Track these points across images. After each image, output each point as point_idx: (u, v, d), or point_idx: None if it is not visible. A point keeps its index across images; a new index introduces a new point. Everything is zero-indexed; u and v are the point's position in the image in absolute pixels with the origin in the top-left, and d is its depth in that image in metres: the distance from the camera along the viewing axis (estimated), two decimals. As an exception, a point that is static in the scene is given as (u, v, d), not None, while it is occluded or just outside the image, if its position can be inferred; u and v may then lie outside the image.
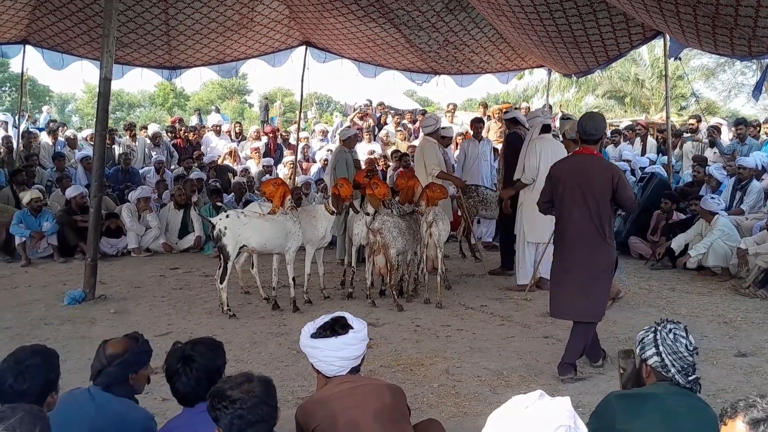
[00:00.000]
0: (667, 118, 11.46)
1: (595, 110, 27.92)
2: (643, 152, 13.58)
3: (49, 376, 2.76)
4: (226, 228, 6.83)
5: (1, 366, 2.74)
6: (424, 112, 17.05)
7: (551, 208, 5.33)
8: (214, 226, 6.93)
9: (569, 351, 5.19)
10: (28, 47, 11.62)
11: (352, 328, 3.06)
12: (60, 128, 15.15)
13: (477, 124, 10.82)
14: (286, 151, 14.75)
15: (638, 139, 14.27)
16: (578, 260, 5.09)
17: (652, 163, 12.32)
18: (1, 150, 12.58)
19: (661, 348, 2.83)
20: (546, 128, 7.96)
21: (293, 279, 7.21)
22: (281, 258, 7.27)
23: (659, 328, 2.89)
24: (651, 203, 9.93)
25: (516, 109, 12.66)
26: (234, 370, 2.90)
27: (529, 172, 7.71)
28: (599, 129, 5.19)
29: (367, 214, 7.45)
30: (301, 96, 13.73)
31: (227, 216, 6.97)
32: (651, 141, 14.26)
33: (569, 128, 7.08)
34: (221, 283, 6.92)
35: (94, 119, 8.06)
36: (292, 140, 15.02)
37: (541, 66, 12.74)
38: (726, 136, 13.43)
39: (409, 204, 7.63)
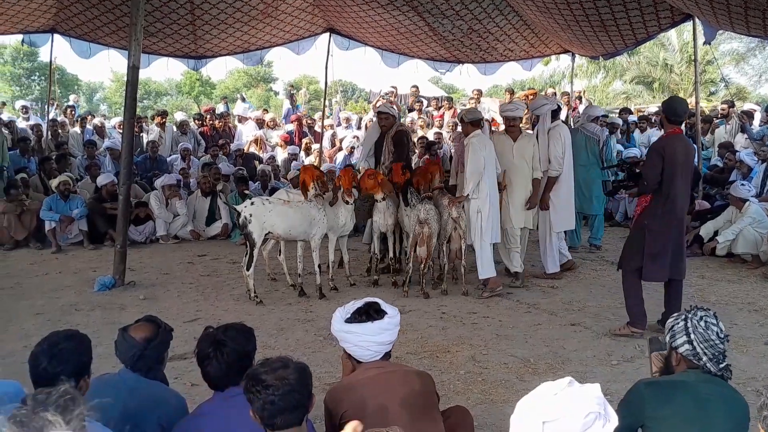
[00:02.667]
0: (696, 103, 11.28)
1: (623, 95, 27.77)
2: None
3: (82, 359, 2.81)
4: (251, 215, 6.87)
5: (36, 350, 2.79)
6: (450, 99, 16.96)
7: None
8: (239, 214, 6.97)
9: (676, 307, 5.70)
10: (56, 36, 11.73)
11: (386, 313, 3.08)
12: (88, 117, 15.29)
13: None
14: (305, 139, 14.74)
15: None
16: (681, 227, 5.91)
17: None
18: (32, 138, 12.75)
19: (692, 336, 2.79)
20: (555, 114, 7.90)
21: (319, 266, 7.24)
22: (306, 245, 7.30)
23: (690, 315, 2.85)
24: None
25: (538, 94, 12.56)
26: (262, 356, 2.93)
27: (556, 163, 7.66)
28: (687, 110, 6.02)
29: (376, 200, 7.51)
30: (326, 83, 13.71)
31: (252, 203, 7.02)
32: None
33: (465, 114, 7.49)
34: (248, 270, 6.97)
35: (122, 107, 8.12)
36: (318, 128, 15.04)
37: (566, 51, 12.61)
38: (758, 122, 13.21)
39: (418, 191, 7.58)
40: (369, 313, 3.09)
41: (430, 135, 13.31)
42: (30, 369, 2.78)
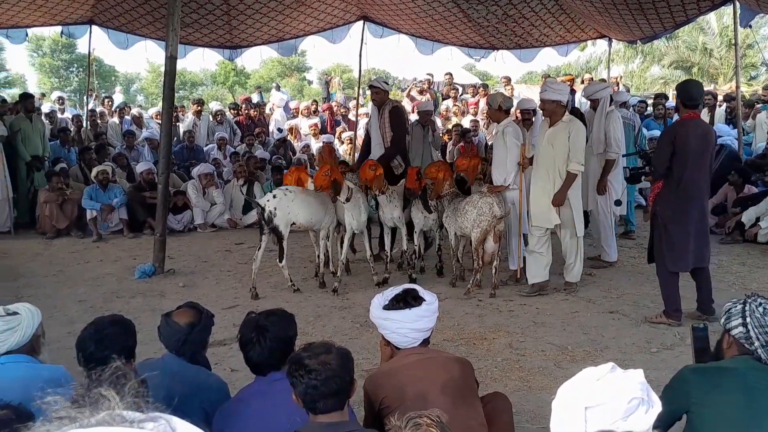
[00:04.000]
0: (737, 88, 11.08)
1: (661, 81, 27.28)
2: (711, 123, 13.15)
3: (128, 343, 2.88)
4: (276, 209, 6.72)
5: (83, 334, 2.87)
6: (485, 86, 16.85)
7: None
8: (263, 209, 6.77)
9: (707, 293, 5.85)
10: (95, 28, 11.89)
11: (424, 299, 3.09)
12: (126, 107, 15.49)
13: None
14: (339, 128, 14.75)
15: (705, 109, 13.80)
16: (701, 214, 5.73)
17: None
18: (72, 129, 12.97)
19: (748, 320, 2.75)
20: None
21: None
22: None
23: (749, 300, 2.82)
24: (719, 176, 9.60)
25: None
26: (300, 342, 2.97)
27: (616, 146, 7.53)
28: (702, 94, 5.90)
29: (375, 195, 7.10)
30: (360, 72, 13.68)
31: (274, 196, 6.82)
32: (719, 111, 13.80)
33: (502, 101, 7.13)
34: (281, 261, 6.93)
35: (159, 98, 8.21)
36: (351, 116, 15.05)
37: (602, 36, 12.45)
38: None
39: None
40: (407, 299, 3.10)
41: (466, 122, 13.25)
42: (78, 353, 2.85)
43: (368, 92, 8.48)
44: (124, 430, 0.83)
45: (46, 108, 14.31)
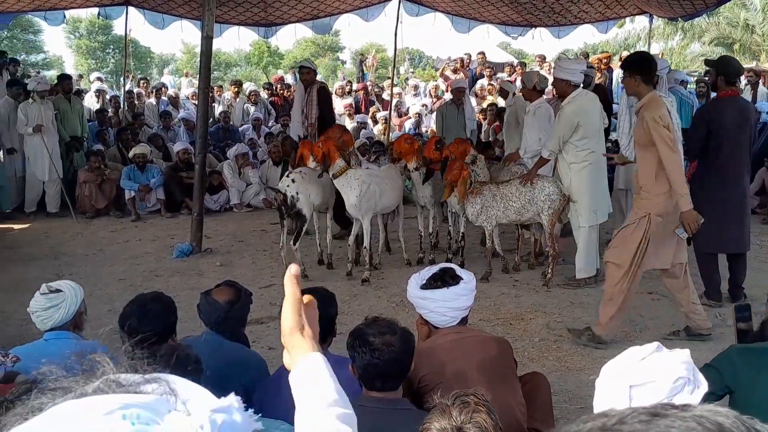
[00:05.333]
0: (782, 64, 10.79)
1: (701, 58, 26.66)
2: (754, 101, 12.87)
3: (170, 319, 2.91)
4: (298, 193, 6.59)
5: (126, 311, 2.91)
6: (522, 64, 16.65)
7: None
8: (284, 195, 6.60)
9: (741, 279, 5.73)
10: (131, 8, 11.95)
11: (462, 278, 3.07)
12: (162, 88, 15.59)
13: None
14: (372, 108, 14.69)
15: (748, 87, 13.50)
16: (739, 196, 5.59)
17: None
18: (110, 110, 13.12)
19: None
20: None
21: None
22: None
23: None
24: (762, 155, 9.39)
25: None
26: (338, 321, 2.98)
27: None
28: (742, 71, 5.77)
29: (416, 170, 6.83)
30: (395, 51, 13.59)
31: (293, 180, 6.63)
32: (762, 89, 13.48)
33: (538, 81, 7.00)
34: (295, 244, 6.68)
35: (195, 78, 8.22)
36: (386, 96, 14.99)
37: (643, 13, 12.19)
38: None
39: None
40: (444, 278, 3.09)
41: (501, 101, 13.10)
42: (120, 329, 2.89)
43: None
44: (121, 398, 0.79)
45: (94, 87, 14.49)
